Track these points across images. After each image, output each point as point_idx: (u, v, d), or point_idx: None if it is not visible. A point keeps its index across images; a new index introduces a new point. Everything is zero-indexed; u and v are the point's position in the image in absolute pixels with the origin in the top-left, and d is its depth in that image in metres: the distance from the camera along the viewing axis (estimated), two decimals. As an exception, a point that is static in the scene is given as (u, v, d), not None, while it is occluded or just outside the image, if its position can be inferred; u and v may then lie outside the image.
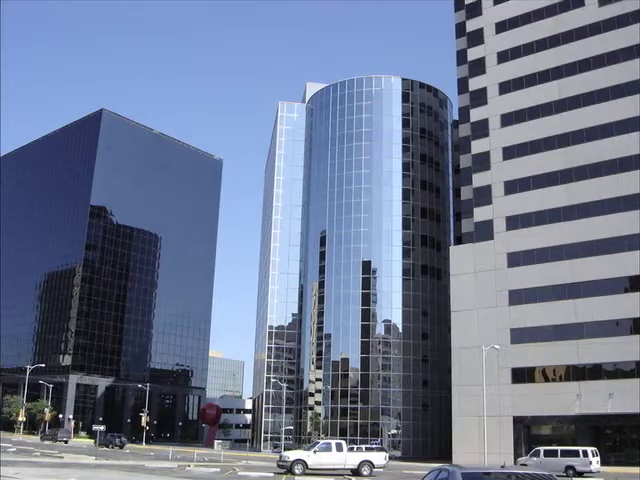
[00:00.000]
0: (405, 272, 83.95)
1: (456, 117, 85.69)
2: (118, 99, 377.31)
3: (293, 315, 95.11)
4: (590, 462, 42.50)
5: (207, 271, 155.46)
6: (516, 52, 71.07)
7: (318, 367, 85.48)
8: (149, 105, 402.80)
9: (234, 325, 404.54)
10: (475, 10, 75.82)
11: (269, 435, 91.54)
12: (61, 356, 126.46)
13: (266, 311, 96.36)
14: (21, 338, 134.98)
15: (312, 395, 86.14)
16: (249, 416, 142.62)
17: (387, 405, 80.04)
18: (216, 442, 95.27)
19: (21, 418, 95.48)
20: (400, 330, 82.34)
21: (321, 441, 43.92)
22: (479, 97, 72.60)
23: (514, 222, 66.44)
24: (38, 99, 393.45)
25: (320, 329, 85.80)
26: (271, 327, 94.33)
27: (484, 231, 68.19)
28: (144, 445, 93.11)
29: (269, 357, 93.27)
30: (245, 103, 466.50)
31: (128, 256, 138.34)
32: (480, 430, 56.12)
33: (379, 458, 40.90)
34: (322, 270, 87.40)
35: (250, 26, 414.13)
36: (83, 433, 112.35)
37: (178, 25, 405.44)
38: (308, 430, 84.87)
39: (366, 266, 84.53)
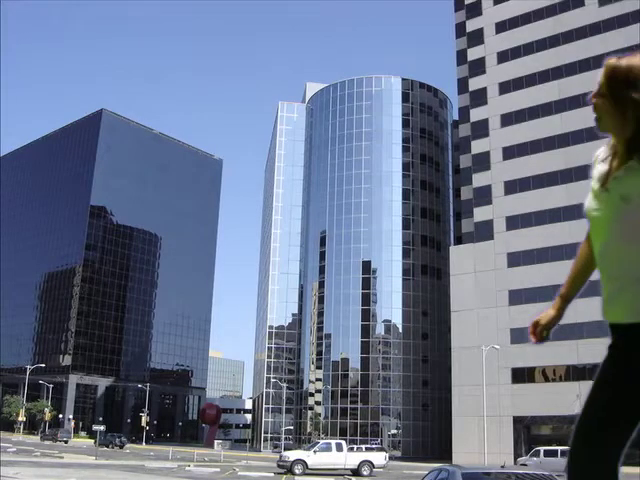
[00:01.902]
0: (405, 272, 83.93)
1: (456, 117, 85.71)
2: (118, 99, 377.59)
3: (293, 315, 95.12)
4: (590, 462, 42.41)
5: (207, 271, 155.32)
6: (516, 52, 71.07)
7: (318, 367, 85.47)
8: (149, 105, 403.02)
9: (234, 325, 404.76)
10: (475, 10, 75.81)
11: (269, 435, 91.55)
12: (61, 356, 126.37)
13: (266, 311, 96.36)
14: (21, 338, 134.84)
15: (312, 395, 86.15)
16: (249, 416, 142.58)
17: (387, 405, 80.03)
18: (216, 442, 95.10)
19: (21, 418, 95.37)
20: (400, 330, 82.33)
21: (321, 441, 43.94)
22: (479, 97, 72.60)
23: (514, 222, 66.43)
24: (38, 99, 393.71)
25: (320, 329, 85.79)
26: (271, 327, 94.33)
27: (484, 231, 68.19)
28: (144, 445, 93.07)
29: (269, 357, 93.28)
30: (245, 103, 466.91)
31: (128, 256, 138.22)
32: (480, 430, 56.12)
33: (379, 458, 40.87)
34: (322, 270, 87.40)
35: (250, 26, 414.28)
36: (83, 433, 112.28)
37: (178, 25, 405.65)
38: (308, 430, 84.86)
39: (366, 266, 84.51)
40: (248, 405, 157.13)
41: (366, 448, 55.95)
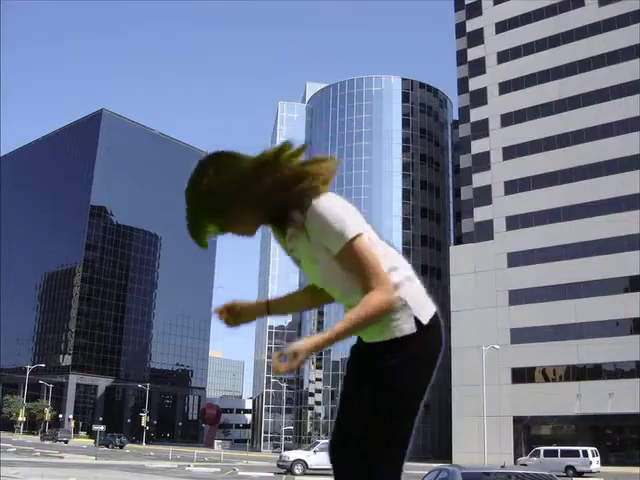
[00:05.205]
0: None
1: (456, 117, 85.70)
2: (118, 99, 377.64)
3: (293, 315, 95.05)
4: (590, 462, 42.45)
5: (207, 271, 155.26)
6: (516, 52, 71.05)
7: (318, 367, 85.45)
8: (149, 105, 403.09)
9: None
10: (475, 10, 75.79)
11: (269, 435, 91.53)
12: (61, 356, 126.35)
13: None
14: (21, 338, 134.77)
15: (312, 395, 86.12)
16: (249, 416, 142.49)
17: (387, 405, 79.96)
18: (216, 442, 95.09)
19: (21, 418, 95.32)
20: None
21: (321, 441, 43.78)
22: (479, 97, 72.59)
23: (514, 222, 66.41)
24: (38, 99, 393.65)
25: (320, 329, 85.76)
26: (271, 327, 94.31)
27: (484, 231, 68.18)
28: (144, 445, 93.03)
29: (269, 357, 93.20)
30: (245, 103, 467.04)
31: (128, 256, 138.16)
32: (480, 430, 56.07)
33: (379, 458, 40.70)
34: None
35: (250, 26, 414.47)
36: (83, 433, 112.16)
37: (178, 25, 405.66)
38: (308, 430, 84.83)
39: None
40: (248, 405, 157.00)
41: (366, 448, 55.83)
